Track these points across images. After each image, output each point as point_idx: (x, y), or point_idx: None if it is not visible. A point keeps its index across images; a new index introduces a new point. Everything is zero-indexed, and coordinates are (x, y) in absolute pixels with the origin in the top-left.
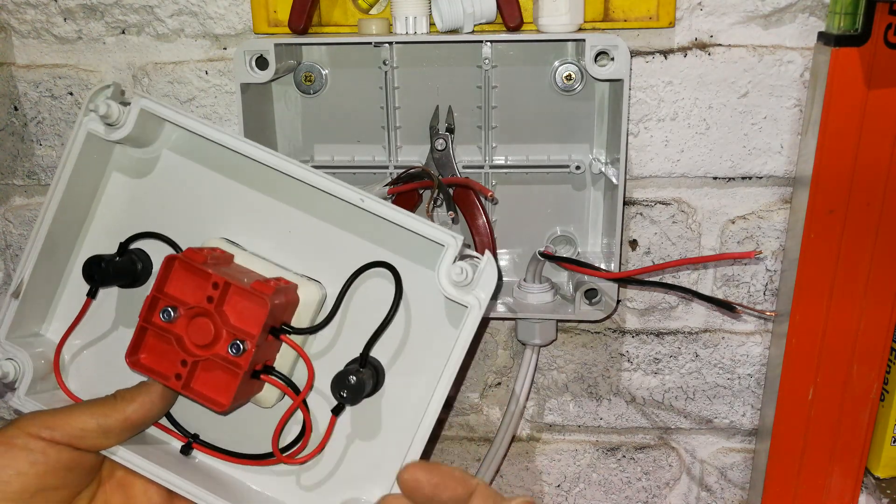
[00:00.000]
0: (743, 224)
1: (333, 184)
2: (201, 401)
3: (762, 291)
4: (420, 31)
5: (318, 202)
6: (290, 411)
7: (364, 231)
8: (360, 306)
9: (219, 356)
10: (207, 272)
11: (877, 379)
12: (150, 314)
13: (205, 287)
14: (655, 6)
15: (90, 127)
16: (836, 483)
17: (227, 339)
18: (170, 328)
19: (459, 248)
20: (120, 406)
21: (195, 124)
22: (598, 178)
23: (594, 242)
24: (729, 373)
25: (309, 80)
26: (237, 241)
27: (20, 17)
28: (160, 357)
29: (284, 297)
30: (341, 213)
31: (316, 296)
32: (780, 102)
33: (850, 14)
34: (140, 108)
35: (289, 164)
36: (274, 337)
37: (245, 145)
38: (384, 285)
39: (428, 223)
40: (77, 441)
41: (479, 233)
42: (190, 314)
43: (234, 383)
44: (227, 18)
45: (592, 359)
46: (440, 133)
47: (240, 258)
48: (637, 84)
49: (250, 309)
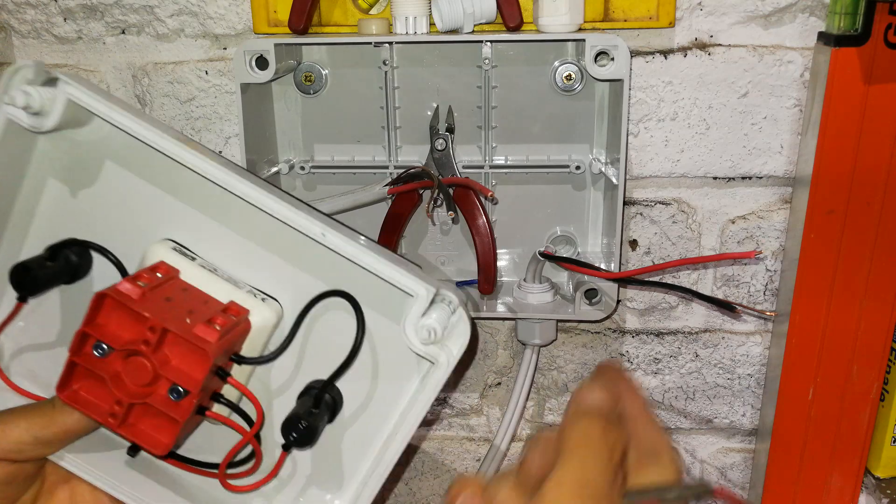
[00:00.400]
0: (743, 224)
1: (294, 214)
2: (139, 442)
3: (762, 291)
4: (420, 31)
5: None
6: (238, 446)
7: (325, 265)
8: (320, 331)
9: (158, 398)
10: (143, 315)
11: (877, 379)
12: (81, 349)
13: (141, 329)
14: (655, 6)
15: (9, 114)
16: (836, 483)
17: (166, 383)
18: (103, 365)
19: (431, 299)
20: (58, 418)
21: (123, 119)
22: (598, 178)
23: (594, 242)
24: (729, 373)
25: (309, 80)
26: (186, 245)
27: (20, 17)
28: (95, 392)
29: (233, 335)
30: (301, 244)
31: (271, 318)
32: (780, 102)
33: (850, 14)
34: (66, 96)
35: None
36: (220, 378)
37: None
38: (346, 317)
39: (397, 267)
40: (14, 455)
41: (479, 233)
42: (125, 353)
43: (175, 430)
44: (227, 18)
45: (592, 359)
46: (440, 133)
47: (187, 272)
48: (637, 84)
49: (192, 356)
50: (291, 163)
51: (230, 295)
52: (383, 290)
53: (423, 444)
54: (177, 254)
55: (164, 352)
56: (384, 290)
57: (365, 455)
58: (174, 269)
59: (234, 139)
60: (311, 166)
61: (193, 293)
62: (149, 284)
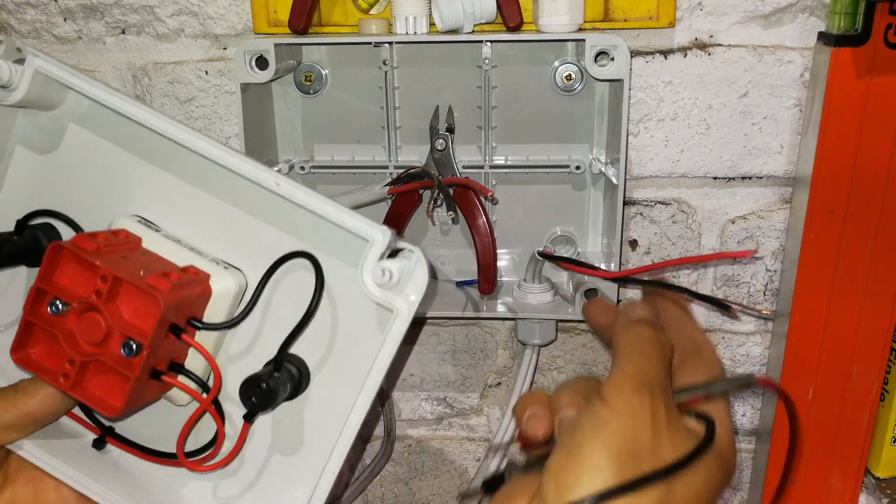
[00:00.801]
0: (743, 224)
1: (249, 165)
2: (91, 404)
3: (762, 291)
4: (420, 31)
5: (235, 186)
6: (196, 414)
7: (286, 221)
8: (284, 301)
9: (110, 356)
10: (95, 264)
11: (877, 379)
12: (36, 307)
13: (94, 280)
14: (655, 6)
15: None
16: (836, 483)
17: (119, 338)
18: (58, 323)
19: (387, 244)
20: (21, 400)
21: (95, 90)
22: (598, 178)
23: (594, 242)
24: (729, 373)
25: (309, 80)
26: (151, 220)
27: (20, 17)
28: (49, 354)
29: (188, 291)
30: (261, 200)
31: (233, 286)
32: (780, 102)
33: (850, 14)
34: (34, 68)
35: (199, 141)
36: (175, 335)
37: (150, 116)
38: (309, 279)
39: (352, 214)
40: None
41: (479, 233)
42: (80, 308)
43: (126, 387)
44: (227, 18)
45: (592, 359)
46: (440, 133)
47: (149, 241)
48: (637, 84)
49: (144, 306)
50: (291, 163)
51: (191, 262)
52: (345, 245)
53: (423, 444)
54: (140, 225)
55: (116, 305)
56: (346, 244)
57: (330, 419)
58: (136, 238)
59: (234, 139)
60: (311, 166)
61: (152, 257)
62: (105, 243)
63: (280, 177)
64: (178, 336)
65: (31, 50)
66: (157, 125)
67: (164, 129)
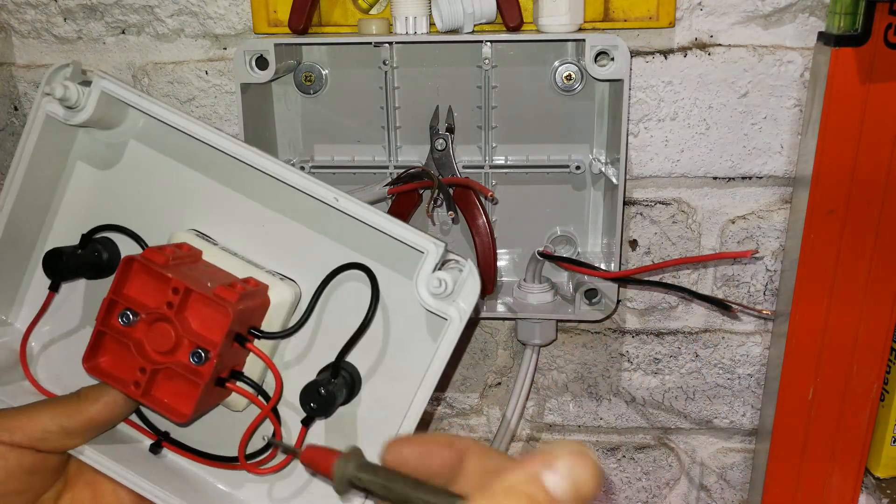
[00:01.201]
0: (743, 224)
1: (307, 181)
2: (161, 410)
3: (762, 291)
4: (420, 31)
5: (291, 200)
6: (257, 421)
7: (340, 233)
8: (337, 309)
9: (179, 364)
10: (167, 276)
11: (877, 379)
12: (108, 317)
13: (165, 291)
14: (655, 6)
15: (49, 109)
16: (836, 483)
17: (188, 347)
18: (129, 332)
19: (440, 255)
20: (83, 406)
21: (158, 109)
22: (598, 178)
23: (594, 242)
24: (729, 373)
25: (309, 80)
26: (208, 234)
27: (20, 17)
28: (119, 362)
29: (251, 302)
30: (316, 214)
31: (289, 297)
32: (780, 102)
33: (850, 14)
34: (101, 90)
35: (259, 158)
36: (239, 344)
37: (211, 134)
38: (362, 290)
39: (407, 227)
40: (39, 443)
41: (479, 233)
42: (150, 318)
43: (195, 393)
44: (227, 18)
45: (592, 359)
46: (440, 133)
47: (209, 254)
48: (637, 84)
49: (213, 316)
50: (291, 163)
51: (250, 273)
52: (398, 257)
53: None
54: (199, 238)
55: (185, 315)
56: (399, 256)
57: (381, 422)
58: (197, 251)
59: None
60: (311, 166)
61: (214, 269)
62: (172, 256)
63: (338, 192)
64: (242, 345)
65: (98, 72)
66: (217, 142)
67: (222, 146)
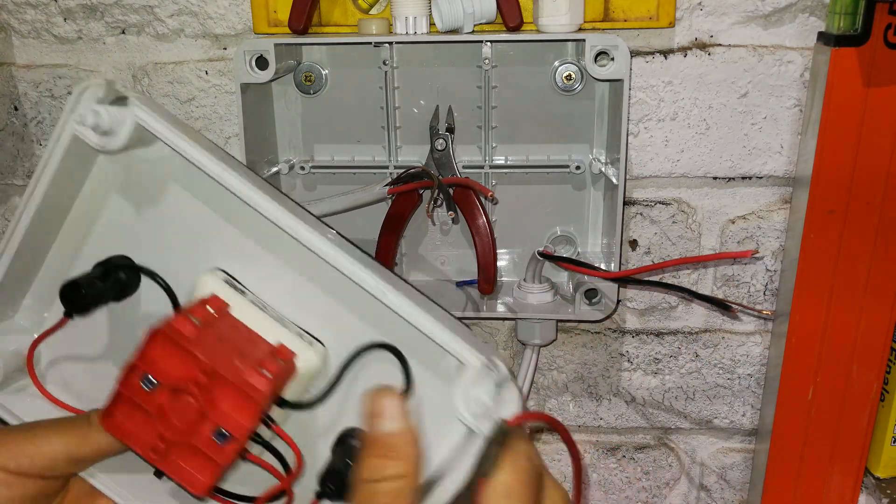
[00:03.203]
0: (743, 224)
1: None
2: (179, 480)
3: (762, 291)
4: (420, 31)
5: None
6: (274, 491)
7: (376, 317)
8: (362, 377)
9: (202, 440)
10: (197, 357)
11: (877, 379)
12: (130, 380)
13: (192, 368)
14: (655, 6)
15: (75, 129)
16: (836, 483)
17: (212, 425)
18: (151, 398)
19: (482, 373)
20: (94, 436)
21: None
22: (598, 178)
23: (594, 242)
24: (729, 373)
25: (309, 80)
26: (236, 277)
27: (20, 17)
28: (139, 425)
29: (281, 383)
30: (354, 291)
31: (316, 364)
32: (780, 102)
33: (850, 14)
34: (135, 121)
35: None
36: (264, 423)
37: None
38: (386, 369)
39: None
40: (46, 472)
41: (479, 233)
42: (175, 387)
43: (216, 472)
44: (227, 18)
45: (592, 359)
46: (440, 133)
47: (236, 307)
48: (637, 84)
49: (242, 402)
50: (291, 163)
51: (278, 335)
52: (432, 348)
53: None
54: (228, 287)
55: (213, 394)
56: (433, 348)
57: None
58: (225, 304)
59: (234, 139)
60: (311, 166)
61: (243, 332)
62: (201, 321)
63: (387, 286)
64: (268, 426)
65: (133, 96)
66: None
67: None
